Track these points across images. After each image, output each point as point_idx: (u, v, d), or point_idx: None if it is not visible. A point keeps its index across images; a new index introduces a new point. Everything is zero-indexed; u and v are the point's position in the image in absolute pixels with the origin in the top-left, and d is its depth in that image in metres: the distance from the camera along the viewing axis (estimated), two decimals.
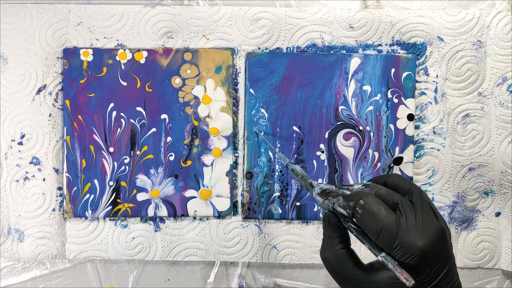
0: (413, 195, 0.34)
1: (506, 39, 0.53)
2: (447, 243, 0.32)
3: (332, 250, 0.35)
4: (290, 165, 0.42)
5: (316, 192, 0.37)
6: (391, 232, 0.31)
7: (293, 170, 0.41)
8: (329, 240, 0.35)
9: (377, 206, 0.32)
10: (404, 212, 0.32)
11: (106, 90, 0.53)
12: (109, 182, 0.53)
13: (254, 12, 0.54)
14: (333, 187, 0.36)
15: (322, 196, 0.36)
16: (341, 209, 0.34)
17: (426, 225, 0.31)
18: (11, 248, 0.54)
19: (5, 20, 0.53)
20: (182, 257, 0.54)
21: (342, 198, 0.34)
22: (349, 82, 0.53)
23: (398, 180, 0.36)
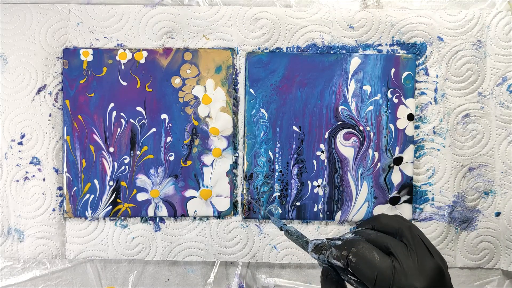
0: (403, 234, 0.33)
1: (506, 39, 0.53)
2: (445, 279, 0.32)
3: None
4: (284, 227, 0.42)
5: (310, 250, 0.36)
6: (387, 278, 0.31)
7: (287, 231, 0.41)
8: None
9: (370, 252, 0.32)
10: (398, 255, 0.31)
11: (106, 90, 0.53)
12: (109, 182, 0.53)
13: (254, 12, 0.54)
14: (325, 240, 0.35)
15: (316, 252, 0.35)
16: (335, 261, 0.33)
17: (422, 266, 0.31)
18: (11, 248, 0.54)
19: (5, 20, 0.54)
20: (182, 257, 0.54)
21: (334, 249, 0.33)
22: (349, 82, 0.53)
23: (386, 220, 0.35)
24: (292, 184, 0.54)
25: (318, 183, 0.53)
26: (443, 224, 0.54)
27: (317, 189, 0.53)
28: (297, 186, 0.53)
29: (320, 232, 0.54)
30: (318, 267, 0.55)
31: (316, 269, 0.55)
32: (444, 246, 0.54)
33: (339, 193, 0.53)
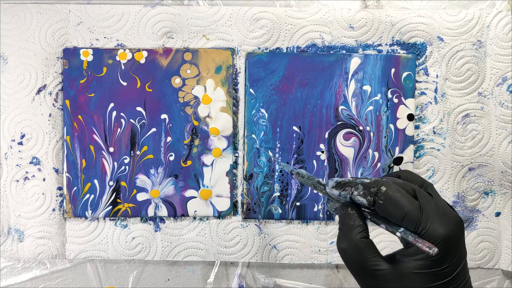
0: (428, 187, 0.34)
1: (506, 39, 0.53)
2: (463, 235, 0.32)
3: (353, 240, 0.33)
4: (294, 170, 0.42)
5: (331, 186, 0.36)
6: (415, 218, 0.31)
7: (298, 173, 0.41)
8: (348, 229, 0.34)
9: (399, 192, 0.32)
10: (424, 200, 0.32)
11: (106, 90, 0.53)
12: (109, 182, 0.53)
13: (254, 12, 0.54)
14: (348, 178, 0.35)
15: (338, 188, 0.35)
16: (360, 198, 0.33)
17: (445, 214, 0.31)
18: (11, 248, 0.54)
19: (5, 20, 0.54)
20: (182, 257, 0.54)
21: (362, 186, 0.33)
22: (349, 82, 0.53)
23: (411, 175, 0.36)
24: (292, 184, 0.53)
25: None
26: None
27: None
28: (297, 186, 0.53)
29: (320, 232, 0.54)
30: (318, 267, 0.55)
31: (316, 269, 0.55)
32: None
33: None
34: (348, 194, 0.34)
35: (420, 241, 0.30)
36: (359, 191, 0.33)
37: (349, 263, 0.34)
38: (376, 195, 0.32)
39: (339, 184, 0.35)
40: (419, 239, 0.30)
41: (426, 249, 0.29)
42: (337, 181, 0.35)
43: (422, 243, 0.30)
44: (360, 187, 0.33)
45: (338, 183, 0.35)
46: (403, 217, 0.31)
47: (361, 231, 0.33)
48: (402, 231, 0.31)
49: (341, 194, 0.35)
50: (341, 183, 0.35)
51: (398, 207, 0.31)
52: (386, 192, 0.32)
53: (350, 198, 0.34)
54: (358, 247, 0.33)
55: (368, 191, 0.33)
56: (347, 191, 0.34)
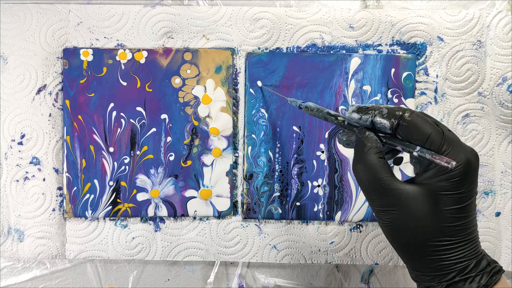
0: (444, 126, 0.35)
1: (506, 39, 0.53)
2: (478, 168, 0.33)
3: (370, 158, 0.33)
4: (302, 104, 0.42)
5: (351, 110, 0.36)
6: (438, 141, 0.31)
7: (307, 107, 0.41)
8: (366, 149, 0.34)
9: (423, 117, 0.33)
10: (446, 129, 0.33)
11: (106, 90, 0.53)
12: (109, 182, 0.53)
13: (254, 12, 0.54)
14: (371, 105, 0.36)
15: (360, 112, 0.35)
16: (383, 120, 0.33)
17: (463, 146, 0.32)
18: (11, 248, 0.54)
19: (5, 20, 0.54)
20: (182, 257, 0.54)
21: (386, 109, 0.34)
22: (349, 82, 0.53)
23: None
24: (292, 184, 0.54)
25: (318, 183, 0.53)
26: None
27: (317, 189, 0.53)
28: (297, 186, 0.53)
29: (320, 232, 0.54)
30: (318, 267, 0.55)
31: (316, 269, 0.55)
32: None
33: (339, 193, 0.53)
34: (370, 117, 0.34)
35: (437, 157, 0.30)
36: (382, 113, 0.34)
37: (365, 181, 0.34)
38: (401, 117, 0.33)
39: (361, 108, 0.36)
40: (436, 155, 0.30)
41: (445, 164, 0.30)
42: (358, 106, 0.36)
43: (440, 158, 0.30)
44: (384, 110, 0.34)
45: (360, 108, 0.36)
46: (426, 139, 0.32)
47: (378, 151, 0.34)
48: (419, 150, 0.31)
49: (362, 117, 0.35)
50: (363, 107, 0.35)
51: (423, 129, 0.32)
52: (412, 115, 0.32)
53: (371, 121, 0.34)
54: (375, 165, 0.33)
55: (393, 113, 0.33)
56: (369, 114, 0.35)
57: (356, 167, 0.35)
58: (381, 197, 0.33)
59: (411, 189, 0.32)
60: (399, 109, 0.33)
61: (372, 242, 0.54)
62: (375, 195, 0.34)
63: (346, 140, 0.38)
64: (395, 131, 0.33)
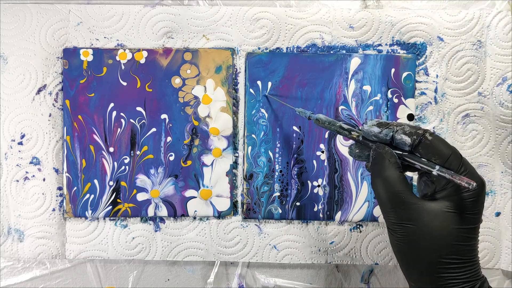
0: None
1: (506, 39, 0.53)
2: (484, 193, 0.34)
3: (391, 172, 0.34)
4: (312, 115, 0.42)
5: (371, 124, 0.36)
6: (458, 160, 0.33)
7: (317, 119, 0.41)
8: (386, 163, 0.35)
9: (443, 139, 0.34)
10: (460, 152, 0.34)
11: (106, 90, 0.53)
12: (109, 182, 0.53)
13: (254, 12, 0.54)
14: None
15: (380, 127, 0.36)
16: (405, 136, 0.34)
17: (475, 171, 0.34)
18: (11, 248, 0.54)
19: (5, 20, 0.54)
20: (182, 257, 0.54)
21: (408, 126, 0.35)
22: (349, 82, 0.53)
23: None
24: (292, 184, 0.53)
25: (318, 183, 0.53)
26: None
27: (317, 189, 0.53)
28: (297, 186, 0.53)
29: (320, 232, 0.54)
30: (318, 267, 0.55)
31: (316, 269, 0.55)
32: None
33: (339, 193, 0.53)
34: (392, 132, 0.35)
35: (458, 177, 0.31)
36: (405, 130, 0.35)
37: (383, 195, 0.35)
38: (423, 136, 0.34)
39: (381, 123, 0.36)
40: (456, 175, 0.31)
41: (465, 184, 0.31)
42: (378, 121, 0.37)
43: (460, 178, 0.31)
44: (406, 127, 0.35)
45: (380, 123, 0.36)
46: (446, 159, 0.33)
47: (398, 166, 0.35)
48: (439, 169, 0.32)
49: (383, 131, 0.35)
50: (383, 122, 0.36)
51: (444, 149, 0.33)
52: (433, 135, 0.34)
53: (392, 136, 0.35)
54: (395, 179, 0.34)
55: (415, 132, 0.34)
56: (391, 129, 0.35)
57: (375, 181, 0.35)
58: (399, 210, 0.34)
59: (429, 205, 0.33)
60: (420, 128, 0.35)
61: (372, 242, 0.54)
62: (393, 209, 0.34)
63: (358, 152, 0.38)
64: (415, 149, 0.34)
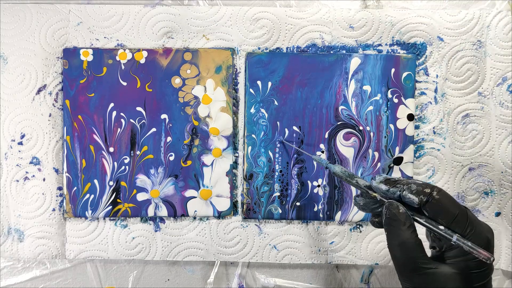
0: None
1: (506, 39, 0.53)
2: None
3: (407, 237, 0.34)
4: (329, 166, 0.42)
5: (379, 180, 0.36)
6: (464, 220, 0.33)
7: (334, 173, 0.41)
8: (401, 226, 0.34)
9: (449, 195, 0.34)
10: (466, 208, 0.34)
11: (106, 90, 0.53)
12: (109, 182, 0.53)
13: (254, 12, 0.54)
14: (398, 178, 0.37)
15: (388, 184, 0.36)
16: (412, 196, 0.34)
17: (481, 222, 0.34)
18: (11, 248, 0.54)
19: (5, 20, 0.54)
20: (182, 257, 0.54)
21: (414, 185, 0.35)
22: (349, 82, 0.53)
23: None
24: (292, 184, 0.53)
25: (318, 183, 0.53)
26: None
27: (317, 189, 0.53)
28: (297, 186, 0.53)
29: (320, 232, 0.54)
30: (318, 267, 0.55)
31: (316, 269, 0.55)
32: None
33: (339, 193, 0.53)
34: (399, 191, 0.35)
35: (475, 251, 0.32)
36: (411, 189, 0.34)
37: (400, 260, 0.35)
38: (430, 195, 0.34)
39: (388, 180, 0.36)
40: (475, 248, 0.32)
41: (483, 259, 0.31)
42: (386, 177, 0.37)
43: (478, 253, 0.31)
44: (413, 186, 0.35)
45: (388, 180, 0.36)
46: (453, 219, 0.33)
47: (413, 230, 0.34)
48: (458, 239, 0.32)
49: (390, 190, 0.35)
50: (390, 180, 0.36)
51: (450, 208, 0.33)
52: (440, 193, 0.34)
53: (400, 195, 0.35)
54: (412, 244, 0.34)
55: (422, 191, 0.34)
56: (397, 188, 0.35)
57: (392, 244, 0.35)
58: (416, 276, 0.34)
59: (445, 269, 0.34)
60: (427, 186, 0.34)
61: (372, 242, 0.54)
62: (410, 274, 0.34)
63: (363, 205, 0.38)
64: (423, 207, 0.34)
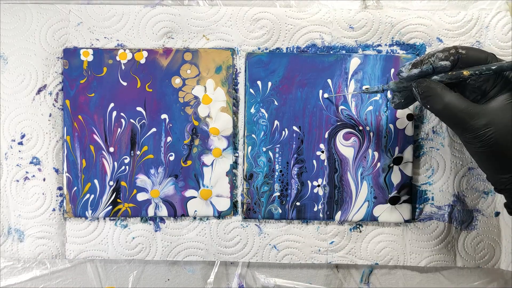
0: None
1: (505, 39, 0.53)
2: None
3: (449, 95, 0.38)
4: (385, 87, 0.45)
5: (408, 69, 0.40)
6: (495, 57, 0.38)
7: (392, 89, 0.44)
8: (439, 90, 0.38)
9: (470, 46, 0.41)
10: None
11: (106, 90, 0.53)
12: (109, 182, 0.53)
13: (254, 12, 0.54)
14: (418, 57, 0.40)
15: (417, 66, 0.39)
16: (443, 62, 0.38)
17: None
18: (11, 248, 0.54)
19: (5, 20, 0.54)
20: (182, 257, 0.54)
21: (439, 53, 0.38)
22: (349, 82, 0.53)
23: None
24: (292, 184, 0.54)
25: (318, 183, 0.53)
26: (443, 224, 0.54)
27: (317, 189, 0.53)
28: (297, 186, 0.54)
29: (320, 232, 0.54)
30: (318, 267, 0.55)
31: (316, 269, 0.55)
32: (444, 246, 0.54)
33: (339, 193, 0.53)
34: (431, 64, 0.39)
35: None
36: (439, 57, 0.38)
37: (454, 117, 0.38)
38: (457, 53, 0.38)
39: (415, 64, 0.40)
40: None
41: None
42: (410, 63, 0.40)
43: None
44: (439, 54, 0.38)
45: (414, 63, 0.40)
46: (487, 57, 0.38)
47: (448, 89, 0.39)
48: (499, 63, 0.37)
49: (423, 68, 0.39)
50: (416, 62, 0.40)
51: (480, 51, 0.38)
52: (463, 47, 0.38)
53: (432, 68, 0.39)
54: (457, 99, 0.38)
55: (448, 53, 0.38)
56: (428, 63, 0.39)
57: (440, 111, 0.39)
58: (474, 122, 0.37)
59: (493, 105, 0.38)
60: (449, 48, 0.38)
61: (372, 242, 0.54)
62: (468, 124, 0.38)
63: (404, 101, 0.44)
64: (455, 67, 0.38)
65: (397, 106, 0.45)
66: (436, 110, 0.39)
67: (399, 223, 0.54)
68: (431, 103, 0.39)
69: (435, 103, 0.39)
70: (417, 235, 0.54)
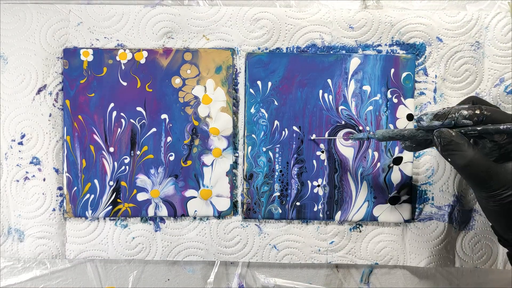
0: None
1: (504, 40, 0.53)
2: None
3: (472, 153, 0.37)
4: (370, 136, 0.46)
5: (429, 119, 0.39)
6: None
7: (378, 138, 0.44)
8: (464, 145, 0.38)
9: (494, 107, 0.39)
10: None
11: (106, 90, 0.53)
12: (109, 182, 0.53)
13: (254, 12, 0.54)
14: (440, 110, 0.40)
15: (440, 119, 0.39)
16: (466, 120, 0.38)
17: None
18: (11, 248, 0.54)
19: (5, 20, 0.53)
20: (182, 257, 0.54)
21: (464, 111, 0.38)
22: (349, 82, 0.53)
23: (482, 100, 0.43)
24: (292, 184, 0.54)
25: (318, 183, 0.54)
26: (443, 224, 0.54)
27: (317, 189, 0.54)
28: (297, 186, 0.54)
29: (320, 232, 0.54)
30: (318, 267, 0.55)
31: (316, 269, 0.55)
32: (444, 246, 0.54)
33: (339, 193, 0.54)
34: (453, 121, 0.38)
35: None
36: (463, 114, 0.38)
37: (476, 175, 0.38)
38: (481, 114, 0.38)
39: (437, 115, 0.39)
40: None
41: None
42: (433, 113, 0.39)
43: None
44: (464, 112, 0.38)
45: (436, 115, 0.39)
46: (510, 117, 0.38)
47: (473, 145, 0.38)
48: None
49: (445, 123, 0.39)
50: (439, 114, 0.39)
51: (504, 115, 0.38)
52: (487, 108, 0.38)
53: (455, 124, 0.38)
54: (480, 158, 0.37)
55: (473, 112, 0.38)
56: (450, 118, 0.38)
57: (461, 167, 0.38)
58: (493, 183, 0.37)
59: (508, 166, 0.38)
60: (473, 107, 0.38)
61: (372, 242, 0.54)
62: (488, 184, 0.37)
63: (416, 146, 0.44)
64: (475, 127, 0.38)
65: (407, 149, 0.46)
66: (457, 164, 0.38)
67: (399, 223, 0.54)
68: (454, 158, 0.38)
69: (458, 159, 0.38)
70: (417, 235, 0.54)
